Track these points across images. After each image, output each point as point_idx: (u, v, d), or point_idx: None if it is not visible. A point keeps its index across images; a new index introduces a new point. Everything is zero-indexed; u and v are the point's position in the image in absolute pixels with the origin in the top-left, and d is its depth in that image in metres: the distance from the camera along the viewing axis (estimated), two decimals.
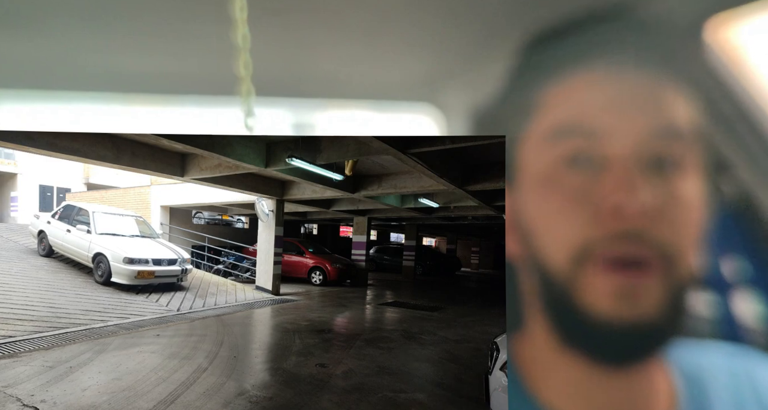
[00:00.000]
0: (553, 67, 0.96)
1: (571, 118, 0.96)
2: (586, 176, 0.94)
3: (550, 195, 0.97)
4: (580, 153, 0.95)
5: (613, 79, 0.94)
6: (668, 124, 0.92)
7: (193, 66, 1.05)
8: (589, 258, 0.94)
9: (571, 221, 0.95)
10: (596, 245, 0.93)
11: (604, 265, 0.93)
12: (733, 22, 0.89)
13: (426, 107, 1.04)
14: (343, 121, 1.07)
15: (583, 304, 0.94)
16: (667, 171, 0.91)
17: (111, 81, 1.06)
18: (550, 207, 0.97)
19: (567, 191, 0.95)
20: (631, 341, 0.93)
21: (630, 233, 0.91)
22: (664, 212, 0.91)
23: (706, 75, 0.91)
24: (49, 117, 1.08)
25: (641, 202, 0.91)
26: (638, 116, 0.93)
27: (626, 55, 0.93)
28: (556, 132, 0.97)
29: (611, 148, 0.93)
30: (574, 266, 0.94)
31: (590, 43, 0.94)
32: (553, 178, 0.97)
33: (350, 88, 1.06)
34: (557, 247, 0.96)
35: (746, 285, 0.92)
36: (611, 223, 0.92)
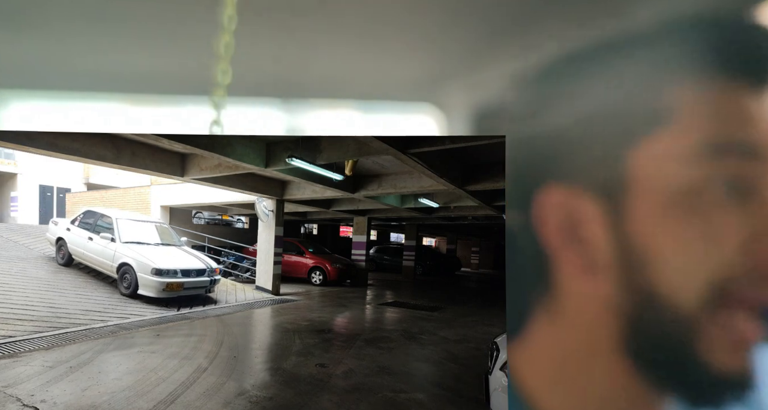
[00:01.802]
0: (554, 68, 0.96)
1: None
2: (738, 200, 0.78)
3: (686, 220, 0.79)
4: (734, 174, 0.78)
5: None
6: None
7: (194, 66, 1.05)
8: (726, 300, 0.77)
9: (710, 252, 0.77)
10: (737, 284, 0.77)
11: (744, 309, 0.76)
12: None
13: (426, 107, 1.04)
14: (342, 121, 1.07)
15: (704, 354, 0.78)
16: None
17: (111, 81, 1.07)
18: (679, 235, 0.79)
19: (709, 217, 0.78)
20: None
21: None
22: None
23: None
24: (49, 117, 1.08)
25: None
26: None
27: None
28: (720, 148, 0.78)
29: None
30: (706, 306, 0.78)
31: (590, 44, 0.94)
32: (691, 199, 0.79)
33: (350, 88, 1.06)
34: (685, 279, 0.78)
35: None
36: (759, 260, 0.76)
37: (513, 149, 1.00)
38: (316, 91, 1.06)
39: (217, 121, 1.05)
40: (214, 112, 1.05)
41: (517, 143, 1.00)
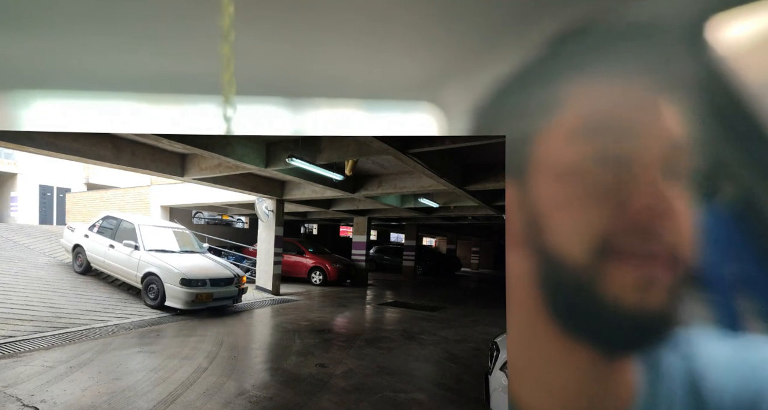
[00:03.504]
0: (553, 68, 0.96)
1: (598, 115, 0.97)
2: (608, 173, 0.96)
3: (571, 190, 0.98)
4: (602, 152, 0.96)
5: (613, 82, 0.94)
6: (670, 129, 0.93)
7: (193, 67, 1.05)
8: (609, 250, 0.95)
9: (593, 215, 0.96)
10: (616, 238, 0.95)
11: (623, 257, 0.95)
12: (733, 23, 0.89)
13: (426, 107, 1.04)
14: (343, 121, 1.07)
15: (601, 294, 0.96)
16: (668, 174, 0.93)
17: (112, 81, 1.06)
18: (569, 201, 0.97)
19: (589, 187, 0.96)
20: (641, 330, 0.95)
21: (642, 229, 0.94)
22: (668, 213, 0.93)
23: (706, 79, 0.91)
24: (49, 117, 1.08)
25: (649, 201, 0.94)
26: (642, 121, 0.93)
27: (626, 59, 0.93)
28: (582, 130, 0.98)
29: (627, 149, 0.95)
30: (595, 257, 0.96)
31: (590, 45, 0.94)
32: (575, 174, 0.98)
33: (350, 88, 1.05)
34: (576, 240, 0.97)
35: (745, 283, 0.93)
36: (628, 219, 0.94)
37: (513, 149, 1.00)
38: (316, 91, 1.06)
39: (219, 121, 1.05)
40: (219, 112, 1.05)
41: (517, 143, 1.00)
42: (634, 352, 0.96)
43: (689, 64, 0.92)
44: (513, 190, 1.01)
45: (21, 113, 1.08)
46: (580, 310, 0.98)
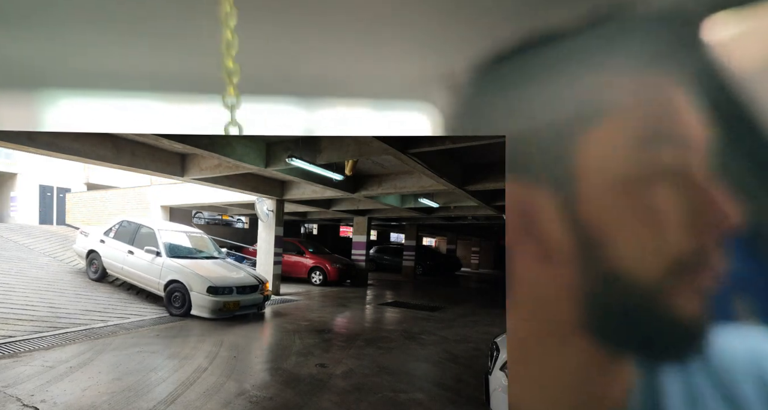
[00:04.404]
0: (552, 68, 0.96)
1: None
2: (663, 185, 0.91)
3: (628, 202, 0.91)
4: (655, 161, 0.91)
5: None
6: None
7: (194, 67, 1.05)
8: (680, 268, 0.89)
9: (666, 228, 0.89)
10: (687, 254, 0.89)
11: (690, 273, 0.89)
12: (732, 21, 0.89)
13: (426, 107, 1.04)
14: (343, 121, 1.07)
15: (663, 311, 0.90)
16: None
17: (112, 81, 1.06)
18: (635, 215, 0.91)
19: (649, 199, 0.90)
20: (681, 338, 0.91)
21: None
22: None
23: (706, 75, 0.91)
24: (49, 117, 1.08)
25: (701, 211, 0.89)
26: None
27: (624, 56, 0.93)
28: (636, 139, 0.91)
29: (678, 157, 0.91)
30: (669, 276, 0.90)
31: (589, 44, 0.94)
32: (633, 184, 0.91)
33: (350, 88, 1.06)
34: (646, 256, 0.90)
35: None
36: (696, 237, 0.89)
37: (513, 149, 1.00)
38: (317, 92, 1.06)
39: (220, 121, 1.05)
40: (220, 112, 1.05)
41: (517, 143, 1.00)
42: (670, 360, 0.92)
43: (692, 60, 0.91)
44: (513, 189, 1.01)
45: (21, 113, 1.08)
46: (635, 329, 0.93)
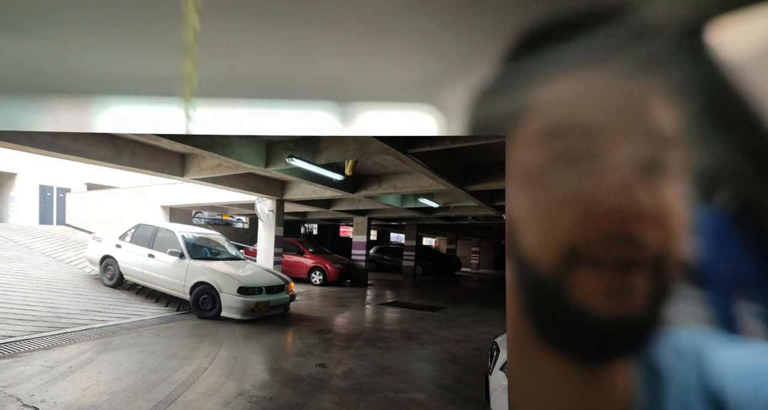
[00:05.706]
0: (552, 68, 0.96)
1: (567, 118, 0.95)
2: (579, 177, 0.93)
3: (540, 194, 0.95)
4: (573, 153, 0.94)
5: (610, 82, 0.94)
6: (661, 128, 0.92)
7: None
8: (580, 258, 0.92)
9: (562, 221, 0.93)
10: (588, 245, 0.92)
11: (595, 265, 0.92)
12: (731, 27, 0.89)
13: (426, 107, 1.04)
14: (343, 121, 1.07)
15: (571, 303, 0.93)
16: (658, 174, 0.91)
17: (112, 81, 1.07)
18: (539, 207, 0.95)
19: (558, 191, 0.94)
20: (616, 339, 0.93)
21: (622, 234, 0.91)
22: (655, 215, 0.90)
23: (701, 80, 0.91)
24: (48, 117, 1.08)
25: (634, 204, 0.90)
26: (632, 120, 0.93)
27: (622, 58, 0.93)
28: (551, 131, 0.95)
29: (605, 150, 0.93)
30: (563, 265, 0.93)
31: (588, 45, 0.94)
32: (544, 177, 0.95)
33: (351, 88, 1.06)
34: (545, 246, 0.94)
35: (743, 286, 0.91)
36: (603, 225, 0.91)
37: (513, 149, 1.00)
38: (317, 92, 1.06)
39: (220, 121, 1.05)
40: (220, 112, 1.05)
41: (517, 143, 1.00)
42: (614, 360, 0.94)
43: (685, 64, 0.91)
44: (513, 189, 1.01)
45: (21, 113, 1.08)
46: (548, 317, 0.96)
